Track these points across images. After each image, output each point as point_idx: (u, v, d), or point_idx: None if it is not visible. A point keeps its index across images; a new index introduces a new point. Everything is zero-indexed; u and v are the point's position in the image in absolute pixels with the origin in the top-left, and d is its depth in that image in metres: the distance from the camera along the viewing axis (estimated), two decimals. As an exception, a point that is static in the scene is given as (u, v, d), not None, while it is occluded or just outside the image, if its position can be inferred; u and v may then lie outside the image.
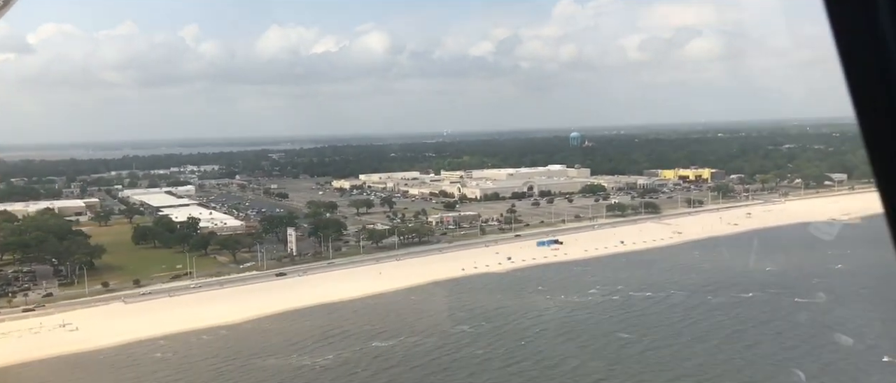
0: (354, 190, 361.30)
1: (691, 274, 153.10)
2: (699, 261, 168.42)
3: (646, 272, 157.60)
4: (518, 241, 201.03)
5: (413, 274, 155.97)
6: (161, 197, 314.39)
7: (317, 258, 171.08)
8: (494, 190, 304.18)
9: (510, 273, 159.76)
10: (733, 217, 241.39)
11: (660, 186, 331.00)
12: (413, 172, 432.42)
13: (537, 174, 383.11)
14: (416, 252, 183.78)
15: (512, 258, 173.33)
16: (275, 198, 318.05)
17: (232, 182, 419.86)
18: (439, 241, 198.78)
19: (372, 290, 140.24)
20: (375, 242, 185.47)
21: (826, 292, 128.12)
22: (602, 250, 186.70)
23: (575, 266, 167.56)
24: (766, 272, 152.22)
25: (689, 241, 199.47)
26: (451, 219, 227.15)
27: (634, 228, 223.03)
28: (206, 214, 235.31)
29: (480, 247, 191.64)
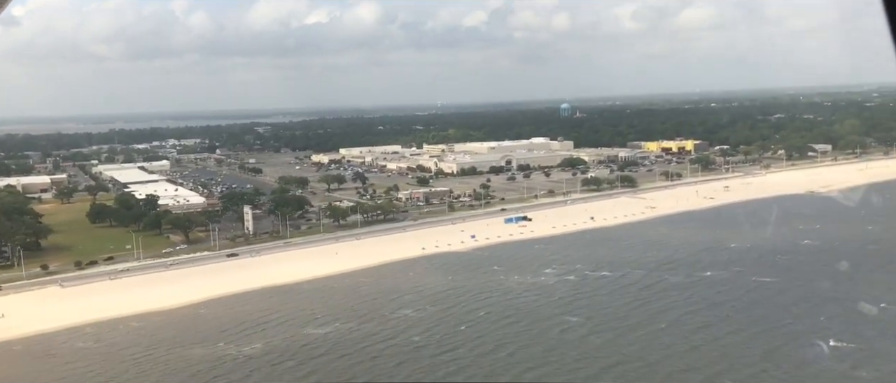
0: (333, 164, 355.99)
1: (654, 251, 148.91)
2: (666, 238, 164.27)
3: (609, 249, 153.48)
4: (486, 218, 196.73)
5: (370, 254, 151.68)
6: (133, 172, 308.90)
7: (274, 237, 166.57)
8: (472, 164, 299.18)
9: (471, 252, 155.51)
10: (710, 190, 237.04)
11: (642, 159, 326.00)
12: (394, 146, 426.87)
13: (520, 147, 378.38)
14: (379, 230, 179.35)
15: (476, 236, 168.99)
16: (249, 174, 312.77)
17: (210, 156, 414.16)
18: (405, 219, 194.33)
19: (323, 272, 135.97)
20: (337, 220, 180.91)
21: (785, 271, 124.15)
22: (570, 227, 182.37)
23: (539, 244, 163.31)
24: (730, 249, 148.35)
25: (660, 217, 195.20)
26: (420, 195, 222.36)
27: (608, 203, 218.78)
28: (172, 191, 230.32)
29: (447, 224, 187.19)
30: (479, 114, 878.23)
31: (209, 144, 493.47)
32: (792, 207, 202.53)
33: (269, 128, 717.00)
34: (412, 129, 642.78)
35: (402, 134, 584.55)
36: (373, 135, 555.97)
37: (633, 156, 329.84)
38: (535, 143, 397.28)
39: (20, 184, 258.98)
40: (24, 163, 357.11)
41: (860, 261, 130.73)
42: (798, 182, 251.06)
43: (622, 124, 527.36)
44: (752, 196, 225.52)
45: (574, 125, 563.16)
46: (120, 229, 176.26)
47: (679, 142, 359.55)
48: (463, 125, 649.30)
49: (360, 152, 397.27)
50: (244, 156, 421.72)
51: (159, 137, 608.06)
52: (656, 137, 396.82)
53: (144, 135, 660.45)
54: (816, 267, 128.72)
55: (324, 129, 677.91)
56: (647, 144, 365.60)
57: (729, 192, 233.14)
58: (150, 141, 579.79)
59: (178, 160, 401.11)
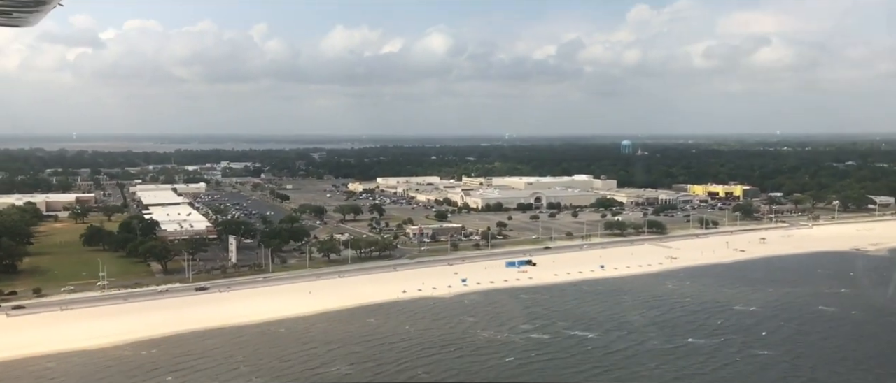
0: (365, 193, 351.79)
1: (649, 309, 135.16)
2: (670, 293, 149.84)
3: (602, 304, 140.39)
4: (489, 260, 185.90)
5: (344, 294, 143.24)
6: (165, 194, 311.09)
7: (255, 271, 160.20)
8: (499, 200, 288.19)
9: (452, 298, 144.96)
10: (744, 242, 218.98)
11: (684, 202, 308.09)
12: (433, 177, 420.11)
13: (558, 184, 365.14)
14: (369, 268, 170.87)
15: (467, 280, 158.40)
16: (277, 200, 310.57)
17: (250, 181, 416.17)
18: (403, 256, 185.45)
19: (284, 313, 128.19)
20: (327, 255, 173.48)
21: (778, 344, 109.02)
22: (575, 275, 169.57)
23: (530, 293, 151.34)
24: (733, 311, 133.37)
25: (677, 269, 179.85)
26: (428, 231, 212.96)
27: (627, 250, 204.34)
28: (184, 215, 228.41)
29: (443, 265, 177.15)
30: (540, 148, 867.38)
31: (256, 168, 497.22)
32: (827, 266, 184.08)
33: (325, 154, 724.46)
34: (465, 160, 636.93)
35: (455, 164, 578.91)
36: (424, 165, 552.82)
37: (674, 199, 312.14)
38: (576, 181, 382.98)
39: (46, 200, 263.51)
40: (65, 180, 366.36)
41: (871, 337, 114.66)
42: (847, 236, 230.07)
43: (678, 165, 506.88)
44: (788, 250, 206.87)
45: (628, 163, 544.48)
46: (109, 254, 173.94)
47: (727, 187, 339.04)
48: (519, 158, 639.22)
49: (397, 182, 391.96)
50: (285, 181, 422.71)
51: (218, 159, 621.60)
52: (708, 180, 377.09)
53: (206, 155, 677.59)
54: (816, 341, 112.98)
55: (380, 157, 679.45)
56: (693, 187, 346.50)
57: (764, 245, 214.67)
58: (208, 162, 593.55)
59: (218, 183, 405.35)
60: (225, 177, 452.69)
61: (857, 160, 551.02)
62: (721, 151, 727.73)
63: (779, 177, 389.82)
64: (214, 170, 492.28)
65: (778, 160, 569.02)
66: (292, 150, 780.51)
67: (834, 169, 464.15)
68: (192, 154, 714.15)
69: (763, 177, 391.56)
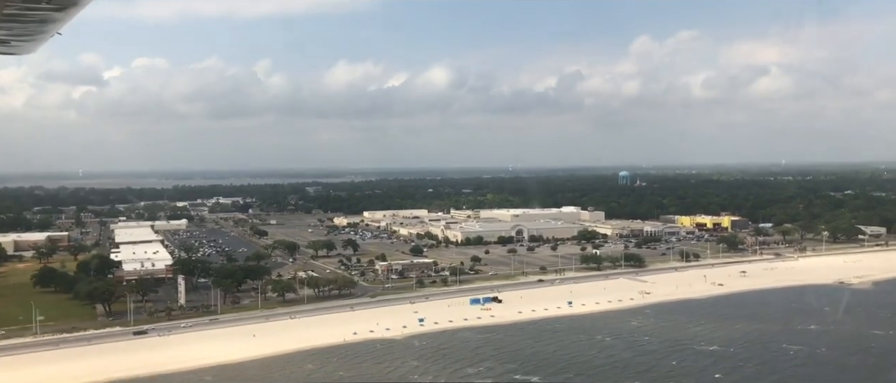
0: (349, 228, 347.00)
1: (607, 350, 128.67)
2: (634, 332, 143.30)
3: (560, 344, 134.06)
4: (454, 297, 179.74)
5: (290, 338, 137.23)
6: (142, 231, 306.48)
7: (204, 312, 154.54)
8: (479, 233, 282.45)
9: (404, 340, 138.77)
10: (723, 275, 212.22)
11: (670, 234, 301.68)
12: (421, 210, 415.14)
13: (544, 216, 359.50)
14: (325, 307, 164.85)
15: (424, 320, 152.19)
16: (255, 236, 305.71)
17: (233, 216, 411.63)
18: (364, 294, 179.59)
19: (219, 359, 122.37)
20: (282, 295, 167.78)
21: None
22: (539, 312, 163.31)
23: (488, 332, 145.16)
24: (694, 350, 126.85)
25: (648, 305, 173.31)
26: (397, 267, 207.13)
27: (600, 285, 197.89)
28: (151, 253, 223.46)
29: (404, 303, 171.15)
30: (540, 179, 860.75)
31: (244, 204, 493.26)
32: (805, 300, 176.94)
33: (320, 188, 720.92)
34: (460, 192, 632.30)
35: (450, 196, 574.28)
36: (418, 198, 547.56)
37: (660, 231, 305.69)
38: (563, 213, 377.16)
39: (17, 240, 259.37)
40: (48, 218, 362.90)
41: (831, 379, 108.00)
42: (832, 269, 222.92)
43: (672, 195, 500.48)
44: (768, 284, 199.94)
45: (622, 194, 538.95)
46: (62, 295, 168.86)
47: (716, 218, 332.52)
48: (514, 189, 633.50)
49: (383, 216, 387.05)
50: (270, 216, 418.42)
51: (214, 194, 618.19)
52: (698, 211, 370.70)
53: (203, 191, 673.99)
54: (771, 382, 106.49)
55: (375, 190, 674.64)
56: (681, 219, 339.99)
57: (744, 279, 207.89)
58: (203, 197, 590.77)
59: (202, 219, 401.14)
60: (212, 212, 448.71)
61: (857, 189, 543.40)
62: (720, 181, 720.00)
63: (771, 207, 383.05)
64: (204, 206, 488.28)
65: (775, 190, 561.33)
66: (289, 185, 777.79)
67: (830, 198, 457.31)
68: (188, 190, 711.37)
69: (755, 207, 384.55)
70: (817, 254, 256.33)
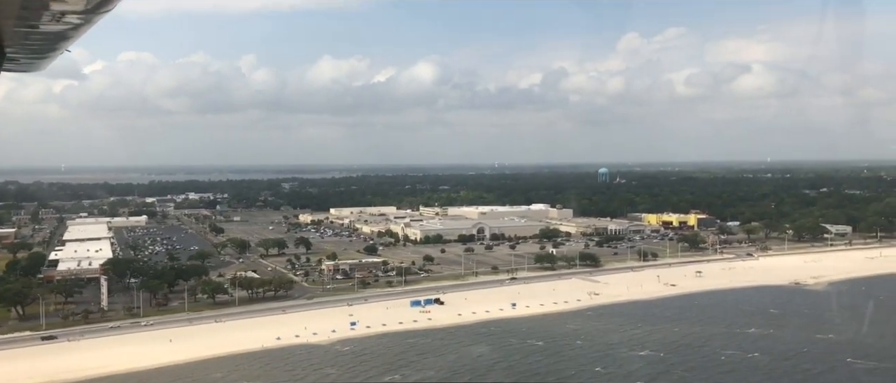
0: (312, 225, 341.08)
1: (532, 356, 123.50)
2: (569, 336, 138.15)
3: (486, 350, 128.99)
4: (396, 298, 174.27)
5: (209, 343, 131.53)
6: (97, 228, 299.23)
7: (127, 315, 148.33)
8: (439, 231, 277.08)
9: (329, 345, 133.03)
10: (679, 275, 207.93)
11: (634, 232, 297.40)
12: (389, 207, 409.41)
13: (512, 213, 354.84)
14: (257, 310, 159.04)
15: (357, 324, 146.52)
16: (212, 233, 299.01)
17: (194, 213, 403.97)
18: (303, 295, 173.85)
19: (126, 366, 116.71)
20: (212, 297, 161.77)
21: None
22: (480, 314, 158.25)
23: (420, 336, 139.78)
24: (622, 356, 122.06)
25: (594, 306, 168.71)
26: (344, 267, 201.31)
27: (551, 285, 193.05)
28: (93, 252, 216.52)
29: (342, 305, 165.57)
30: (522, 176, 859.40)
31: (212, 200, 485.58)
32: (754, 301, 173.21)
33: (296, 184, 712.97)
34: (438, 189, 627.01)
35: (426, 193, 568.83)
36: (392, 195, 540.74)
37: (625, 229, 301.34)
38: (532, 210, 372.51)
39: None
40: (6, 214, 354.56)
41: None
42: (791, 269, 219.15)
43: (648, 193, 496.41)
44: (722, 285, 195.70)
45: (598, 191, 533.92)
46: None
47: (681, 216, 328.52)
48: (491, 186, 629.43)
49: (350, 213, 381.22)
50: (236, 213, 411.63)
51: (187, 190, 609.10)
52: (668, 209, 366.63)
53: (179, 186, 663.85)
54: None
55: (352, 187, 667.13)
56: (648, 217, 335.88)
57: (698, 279, 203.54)
58: (176, 193, 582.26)
59: (165, 215, 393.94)
60: (178, 209, 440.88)
61: (832, 187, 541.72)
62: (699, 179, 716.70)
63: (741, 205, 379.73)
64: (172, 202, 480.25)
65: (752, 187, 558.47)
66: (266, 180, 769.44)
67: (804, 196, 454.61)
68: (163, 185, 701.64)
69: (726, 205, 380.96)
70: (779, 254, 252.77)
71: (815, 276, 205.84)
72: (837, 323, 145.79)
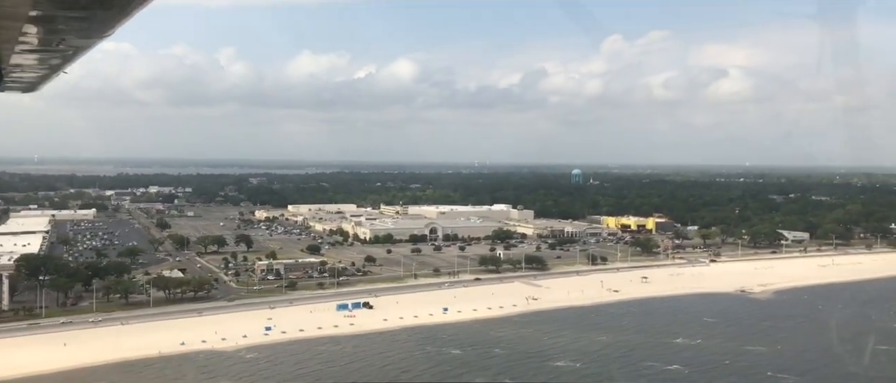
0: (266, 222, 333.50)
1: (451, 365, 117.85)
2: (492, 343, 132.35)
3: (405, 357, 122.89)
4: (325, 301, 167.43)
5: (106, 347, 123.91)
6: (36, 220, 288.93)
7: (27, 316, 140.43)
8: (390, 230, 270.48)
9: (235, 352, 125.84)
10: (624, 280, 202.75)
11: (591, 235, 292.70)
12: (349, 205, 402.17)
13: (471, 214, 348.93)
14: (170, 312, 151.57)
15: (272, 328, 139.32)
16: (157, 229, 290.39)
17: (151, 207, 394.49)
18: (226, 296, 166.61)
19: (5, 374, 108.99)
20: (125, 297, 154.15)
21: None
22: (408, 320, 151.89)
23: (337, 343, 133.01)
24: (542, 366, 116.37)
25: (529, 312, 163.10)
26: (278, 267, 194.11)
27: (490, 290, 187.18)
28: (20, 247, 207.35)
29: (264, 308, 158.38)
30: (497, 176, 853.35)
31: (170, 194, 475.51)
32: (696, 310, 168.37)
33: (264, 180, 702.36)
34: (408, 187, 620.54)
35: (397, 190, 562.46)
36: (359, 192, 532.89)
37: (582, 232, 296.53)
38: (493, 211, 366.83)
39: None
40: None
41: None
42: (741, 275, 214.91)
43: (617, 195, 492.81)
44: (666, 292, 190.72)
45: (566, 192, 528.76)
46: None
47: (640, 220, 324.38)
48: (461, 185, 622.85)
49: (309, 210, 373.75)
50: (196, 208, 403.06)
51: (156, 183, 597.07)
52: (632, 212, 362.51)
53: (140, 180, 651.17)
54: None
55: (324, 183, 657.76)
56: (607, 220, 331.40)
57: (643, 285, 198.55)
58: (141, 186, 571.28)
59: (117, 209, 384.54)
60: (135, 202, 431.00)
61: (802, 193, 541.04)
62: (671, 182, 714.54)
63: (705, 209, 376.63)
64: (128, 196, 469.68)
65: (721, 191, 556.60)
66: (235, 175, 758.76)
67: (769, 202, 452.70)
68: (128, 178, 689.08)
69: (690, 209, 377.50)
70: (733, 260, 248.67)
71: (762, 284, 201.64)
72: (770, 334, 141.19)
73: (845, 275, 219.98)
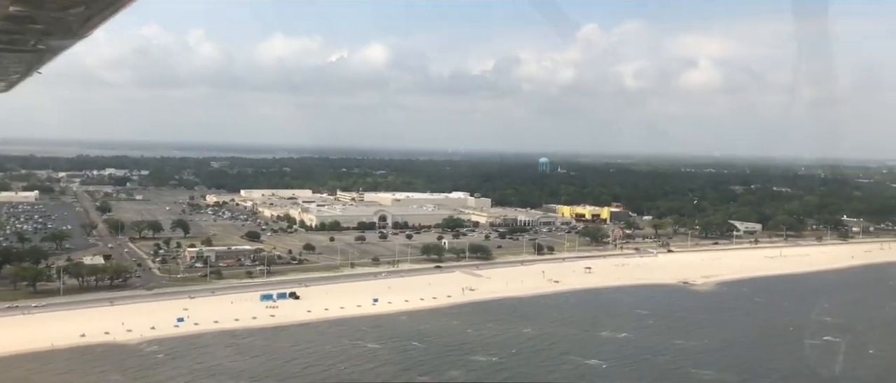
0: (214, 207, 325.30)
1: (362, 359, 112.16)
2: (416, 336, 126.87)
3: (316, 350, 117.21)
4: (251, 290, 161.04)
5: None
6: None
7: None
8: (336, 217, 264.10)
9: (137, 346, 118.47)
10: (567, 271, 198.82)
11: (544, 224, 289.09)
12: (304, 191, 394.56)
13: (430, 201, 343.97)
14: (84, 300, 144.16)
15: (184, 320, 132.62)
16: (97, 213, 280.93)
17: (100, 190, 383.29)
18: (147, 285, 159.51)
19: None
20: (32, 285, 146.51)
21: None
22: (334, 311, 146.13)
23: (250, 336, 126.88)
24: (458, 360, 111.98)
25: (463, 303, 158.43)
26: (209, 254, 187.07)
27: (427, 280, 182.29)
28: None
29: (183, 298, 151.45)
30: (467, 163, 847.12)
31: (122, 177, 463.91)
32: (632, 302, 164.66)
33: (227, 164, 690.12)
34: (373, 173, 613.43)
35: (358, 176, 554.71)
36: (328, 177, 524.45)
37: (535, 220, 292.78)
38: (450, 199, 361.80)
39: None
40: None
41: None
42: (687, 266, 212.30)
43: (580, 183, 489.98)
44: (608, 282, 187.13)
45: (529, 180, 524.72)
46: None
47: (595, 209, 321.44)
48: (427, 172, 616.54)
49: (263, 195, 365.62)
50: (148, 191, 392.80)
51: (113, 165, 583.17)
52: (590, 200, 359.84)
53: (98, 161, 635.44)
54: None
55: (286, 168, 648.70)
56: (562, 209, 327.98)
57: (585, 276, 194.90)
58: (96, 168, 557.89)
59: (62, 191, 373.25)
60: (86, 184, 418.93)
61: (764, 183, 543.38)
62: (637, 171, 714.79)
63: (662, 199, 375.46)
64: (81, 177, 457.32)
65: (683, 181, 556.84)
66: (198, 158, 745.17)
67: (729, 192, 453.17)
68: (86, 160, 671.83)
69: (647, 198, 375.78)
70: (683, 250, 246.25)
71: (706, 276, 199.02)
72: (701, 327, 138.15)
73: (791, 266, 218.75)
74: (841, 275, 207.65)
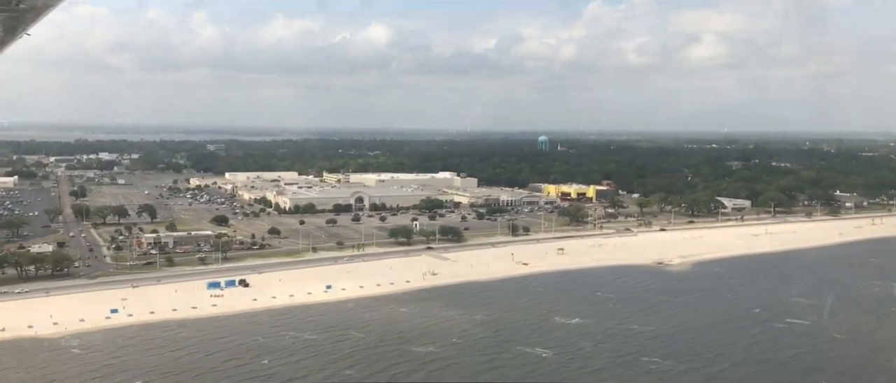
0: (195, 190, 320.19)
1: (286, 352, 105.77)
2: (359, 327, 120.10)
3: (242, 342, 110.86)
4: (196, 279, 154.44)
5: None
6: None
7: None
8: (311, 200, 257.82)
9: (58, 340, 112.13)
10: (539, 252, 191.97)
11: (527, 204, 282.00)
12: (289, 173, 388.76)
13: (415, 182, 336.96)
14: (20, 291, 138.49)
15: (118, 311, 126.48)
16: (71, 197, 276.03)
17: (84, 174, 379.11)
18: (92, 273, 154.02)
19: None
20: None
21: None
22: (282, 299, 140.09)
23: (185, 327, 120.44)
24: (398, 351, 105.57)
25: (423, 288, 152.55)
26: (166, 241, 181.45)
27: (389, 264, 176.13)
28: None
29: (125, 287, 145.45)
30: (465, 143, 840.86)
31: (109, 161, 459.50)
32: (597, 284, 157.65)
33: (222, 146, 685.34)
34: (366, 154, 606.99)
35: (351, 157, 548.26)
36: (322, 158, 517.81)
37: (518, 200, 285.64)
38: (436, 179, 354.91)
39: None
40: None
41: None
42: (665, 245, 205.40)
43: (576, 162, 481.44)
44: (579, 264, 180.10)
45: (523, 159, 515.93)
46: None
47: (581, 188, 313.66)
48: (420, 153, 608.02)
49: (247, 177, 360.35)
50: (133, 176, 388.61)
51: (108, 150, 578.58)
52: (578, 179, 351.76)
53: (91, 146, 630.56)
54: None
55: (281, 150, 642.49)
56: (548, 188, 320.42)
57: (557, 257, 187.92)
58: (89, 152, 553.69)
59: (46, 177, 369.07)
60: (71, 169, 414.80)
61: (765, 159, 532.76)
62: (638, 148, 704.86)
63: (654, 176, 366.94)
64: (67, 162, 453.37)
65: (682, 158, 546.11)
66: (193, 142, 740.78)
67: (726, 168, 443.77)
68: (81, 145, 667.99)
69: (639, 176, 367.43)
70: (665, 229, 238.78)
71: (683, 255, 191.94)
72: (661, 311, 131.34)
73: (775, 244, 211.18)
74: (824, 253, 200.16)
